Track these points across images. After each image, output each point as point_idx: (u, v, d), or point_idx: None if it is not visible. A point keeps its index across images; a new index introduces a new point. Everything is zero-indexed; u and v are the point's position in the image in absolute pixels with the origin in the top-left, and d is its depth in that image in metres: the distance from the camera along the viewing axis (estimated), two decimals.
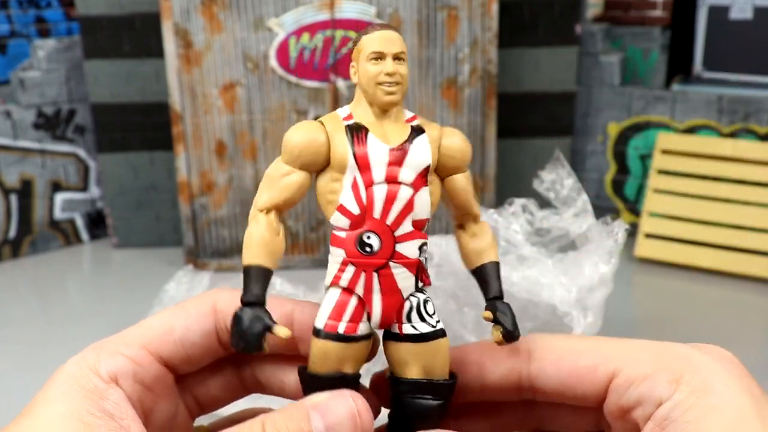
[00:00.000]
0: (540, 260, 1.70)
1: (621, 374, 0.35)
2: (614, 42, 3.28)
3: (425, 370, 0.39)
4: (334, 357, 0.39)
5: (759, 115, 2.89)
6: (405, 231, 0.39)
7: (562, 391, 0.37)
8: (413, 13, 2.72)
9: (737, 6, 3.17)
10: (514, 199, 1.82)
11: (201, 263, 2.94)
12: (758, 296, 2.65)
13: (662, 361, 0.35)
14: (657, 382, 0.34)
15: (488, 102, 2.82)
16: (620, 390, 0.35)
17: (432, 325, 0.39)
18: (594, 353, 0.37)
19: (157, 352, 0.39)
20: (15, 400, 1.88)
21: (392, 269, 0.39)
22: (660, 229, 2.95)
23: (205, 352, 0.41)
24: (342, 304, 0.39)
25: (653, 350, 0.36)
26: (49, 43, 3.09)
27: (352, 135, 0.39)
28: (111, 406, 0.36)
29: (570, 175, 1.82)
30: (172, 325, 0.40)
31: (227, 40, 2.74)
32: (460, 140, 0.41)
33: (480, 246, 0.42)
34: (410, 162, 0.39)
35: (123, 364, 0.38)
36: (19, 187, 3.10)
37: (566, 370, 0.37)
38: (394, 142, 0.39)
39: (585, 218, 1.77)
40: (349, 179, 0.39)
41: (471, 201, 0.42)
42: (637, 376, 0.35)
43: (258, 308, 0.37)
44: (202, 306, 0.41)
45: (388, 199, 0.38)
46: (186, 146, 2.83)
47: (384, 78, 0.39)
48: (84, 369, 0.37)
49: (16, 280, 2.98)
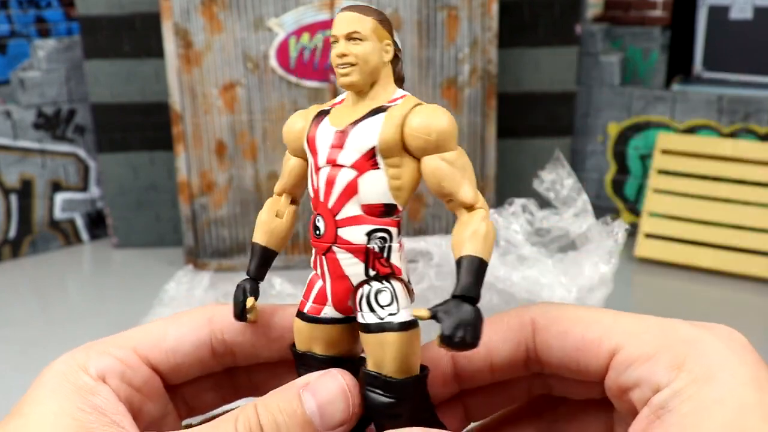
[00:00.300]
0: (540, 260, 1.70)
1: (622, 352, 0.34)
2: (614, 42, 3.28)
3: (375, 363, 0.37)
4: (304, 335, 0.39)
5: (759, 115, 2.89)
6: (348, 215, 0.37)
7: (566, 364, 0.36)
8: (413, 13, 2.72)
9: (737, 6, 3.17)
10: (514, 199, 1.82)
11: (201, 263, 2.94)
12: (758, 296, 2.65)
13: (666, 342, 0.33)
14: (657, 366, 0.32)
15: (488, 102, 2.82)
16: (620, 368, 0.34)
17: (380, 317, 0.37)
18: (598, 326, 0.35)
19: (146, 356, 0.39)
20: (15, 400, 1.88)
21: (336, 254, 0.38)
22: (660, 229, 2.95)
23: (196, 364, 0.41)
24: (310, 285, 0.40)
25: (658, 329, 0.34)
26: (49, 43, 3.09)
27: (315, 119, 0.39)
28: (101, 401, 0.36)
29: (570, 175, 1.82)
30: (166, 333, 0.40)
31: (227, 40, 2.74)
32: (426, 117, 0.37)
33: (458, 238, 0.37)
34: (351, 143, 0.37)
35: (111, 364, 0.38)
36: (19, 187, 3.10)
37: (570, 342, 0.36)
38: (343, 124, 0.38)
39: (585, 218, 1.77)
40: (310, 163, 0.39)
41: (446, 185, 0.37)
42: (637, 356, 0.33)
43: (250, 281, 0.41)
44: (198, 318, 0.41)
45: (328, 183, 0.38)
46: (186, 146, 2.83)
47: (336, 60, 0.38)
48: (73, 367, 0.37)
49: (16, 280, 2.98)
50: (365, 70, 0.38)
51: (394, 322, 0.37)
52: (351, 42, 0.38)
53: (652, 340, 0.33)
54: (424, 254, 1.77)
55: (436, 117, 0.37)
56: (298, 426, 0.35)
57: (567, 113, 3.11)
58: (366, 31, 0.38)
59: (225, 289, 2.63)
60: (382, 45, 0.39)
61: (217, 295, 2.60)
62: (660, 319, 0.35)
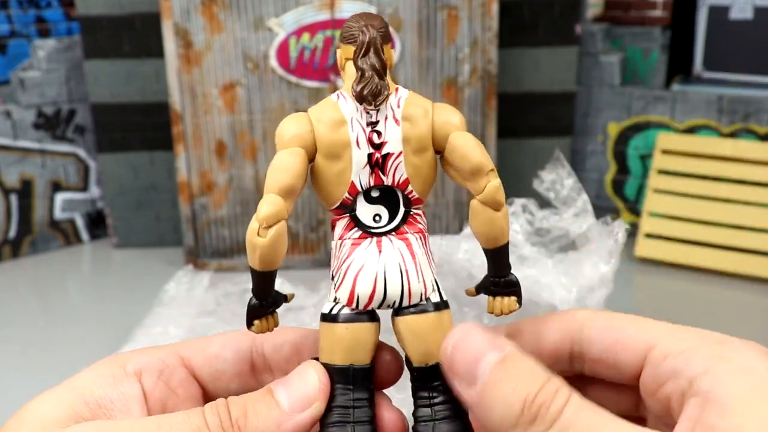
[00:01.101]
0: (540, 260, 1.70)
1: (659, 346, 0.35)
2: (614, 42, 3.28)
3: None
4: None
5: (759, 115, 2.89)
6: None
7: (605, 358, 0.38)
8: (413, 13, 2.72)
9: (737, 6, 3.17)
10: (514, 199, 1.82)
11: (201, 263, 2.94)
12: (758, 296, 2.65)
13: (701, 339, 0.34)
14: (693, 356, 0.33)
15: (488, 102, 2.82)
16: (656, 361, 0.35)
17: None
18: (636, 326, 0.37)
19: (188, 359, 0.40)
20: (15, 400, 1.88)
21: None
22: (660, 229, 2.95)
23: (236, 375, 0.41)
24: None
25: (690, 331, 0.36)
26: (49, 43, 3.09)
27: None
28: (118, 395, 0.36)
29: (570, 175, 1.82)
30: (210, 341, 0.41)
31: (227, 40, 2.74)
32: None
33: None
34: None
35: (150, 360, 0.38)
36: (19, 187, 3.10)
37: (611, 337, 0.37)
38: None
39: (585, 218, 1.77)
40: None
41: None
42: (673, 350, 0.34)
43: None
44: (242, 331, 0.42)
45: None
46: (186, 146, 2.83)
47: None
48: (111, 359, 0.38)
49: (16, 280, 2.98)
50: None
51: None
52: None
53: (689, 337, 0.35)
54: None
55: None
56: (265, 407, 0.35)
57: (567, 113, 3.11)
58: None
59: (225, 289, 2.63)
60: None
61: (216, 295, 2.60)
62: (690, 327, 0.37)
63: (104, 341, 2.26)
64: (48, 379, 0.38)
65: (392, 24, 2.72)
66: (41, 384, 0.38)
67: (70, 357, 2.21)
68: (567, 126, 3.13)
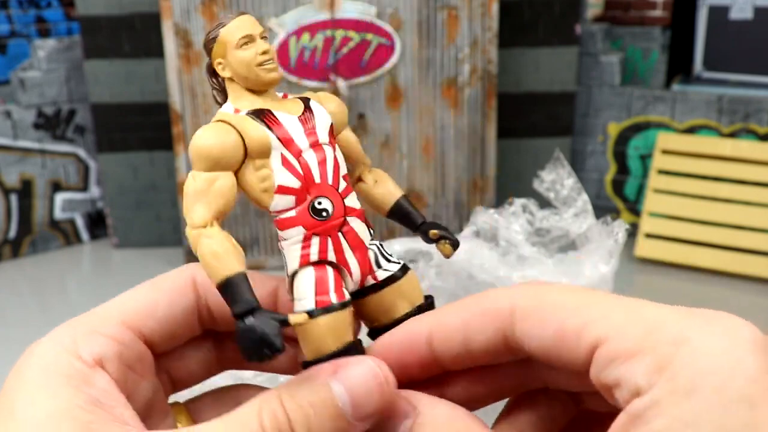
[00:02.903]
0: (540, 260, 1.70)
1: (604, 345, 0.30)
2: (614, 42, 3.28)
3: (410, 302, 0.41)
4: (342, 327, 0.37)
5: (759, 115, 2.89)
6: (343, 186, 0.40)
7: (548, 355, 0.32)
8: (413, 13, 2.72)
9: (737, 6, 3.17)
10: (514, 199, 1.82)
11: None
12: (758, 296, 2.65)
13: (652, 339, 0.29)
14: (639, 366, 0.28)
15: (488, 102, 2.82)
16: (601, 364, 0.30)
17: (397, 262, 0.41)
18: (581, 314, 0.31)
19: (138, 329, 0.36)
20: None
21: (351, 224, 0.39)
22: (660, 229, 2.95)
23: (186, 329, 0.39)
24: (322, 278, 0.38)
25: (644, 323, 0.30)
26: (49, 43, 3.09)
27: (261, 118, 0.39)
28: (98, 393, 0.32)
29: (570, 175, 1.82)
30: (155, 301, 0.38)
31: None
32: (338, 100, 0.43)
33: (386, 189, 0.44)
34: (319, 124, 0.40)
35: (105, 345, 0.34)
36: (19, 187, 3.10)
37: (550, 331, 0.32)
38: (296, 112, 0.40)
39: (585, 218, 1.77)
40: (277, 159, 0.38)
41: (361, 150, 0.44)
42: (620, 353, 0.29)
43: (259, 312, 0.34)
44: (182, 281, 0.39)
45: (320, 162, 0.39)
46: (186, 146, 2.83)
47: (262, 57, 0.39)
48: (61, 353, 0.33)
49: (16, 280, 2.98)
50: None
51: (404, 261, 0.41)
52: (263, 41, 0.40)
53: (638, 335, 0.29)
54: (424, 254, 1.77)
55: (340, 101, 0.44)
56: (329, 418, 0.32)
57: (567, 113, 3.11)
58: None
59: None
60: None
61: None
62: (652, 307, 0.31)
63: None
64: None
65: (392, 24, 2.72)
66: None
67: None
68: (567, 126, 3.13)
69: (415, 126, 2.84)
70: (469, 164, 2.86)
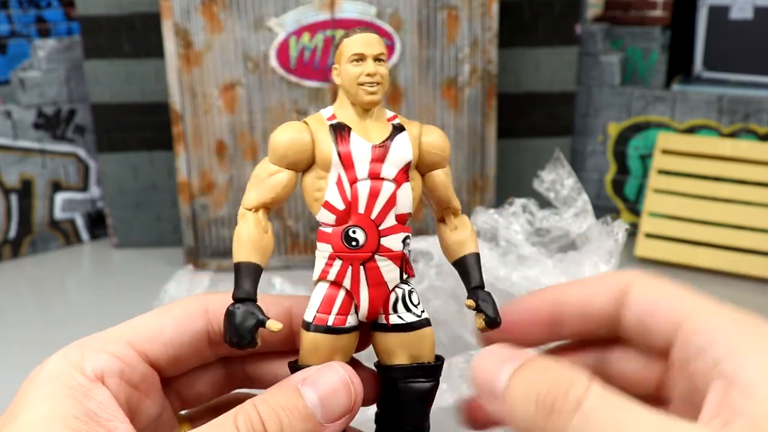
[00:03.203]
0: (540, 260, 1.70)
1: (688, 322, 0.35)
2: (614, 42, 3.28)
3: (412, 357, 0.41)
4: (325, 349, 0.40)
5: (759, 115, 2.89)
6: (389, 225, 0.40)
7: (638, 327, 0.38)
8: (413, 13, 2.72)
9: (737, 6, 3.17)
10: (514, 199, 1.82)
11: (201, 263, 2.94)
12: (758, 296, 2.65)
13: (731, 318, 0.34)
14: (719, 336, 0.33)
15: (488, 102, 2.82)
16: (685, 337, 0.35)
17: (417, 315, 0.41)
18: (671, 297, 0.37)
19: (144, 352, 0.38)
20: None
21: (378, 262, 0.40)
22: (660, 229, 2.95)
23: (194, 355, 0.41)
24: (331, 298, 0.41)
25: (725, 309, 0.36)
26: (49, 43, 3.09)
27: (336, 134, 0.40)
28: (96, 406, 0.34)
29: (570, 175, 1.82)
30: (163, 326, 0.39)
31: (227, 40, 2.74)
32: (440, 137, 0.43)
33: (460, 238, 0.44)
34: (392, 158, 0.40)
35: (109, 362, 0.36)
36: (19, 187, 3.10)
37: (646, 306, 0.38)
38: (376, 140, 0.40)
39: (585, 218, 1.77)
40: (334, 176, 0.40)
41: (450, 195, 0.44)
42: (702, 328, 0.34)
43: (250, 304, 0.38)
44: (193, 308, 0.41)
45: (372, 195, 0.40)
46: (186, 146, 2.83)
47: (365, 78, 0.40)
48: (67, 367, 0.36)
49: (16, 280, 2.98)
50: (385, 89, 0.41)
51: (426, 317, 0.42)
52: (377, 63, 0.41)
53: (719, 316, 0.35)
54: (424, 254, 1.77)
55: (444, 137, 0.43)
56: (300, 419, 0.35)
57: (567, 113, 3.11)
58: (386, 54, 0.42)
59: (225, 290, 2.63)
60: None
61: None
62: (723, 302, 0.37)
63: None
64: None
65: (392, 24, 2.72)
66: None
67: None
68: (567, 126, 3.13)
69: None
70: (469, 164, 2.86)
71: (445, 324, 1.72)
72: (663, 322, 0.37)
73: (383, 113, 0.42)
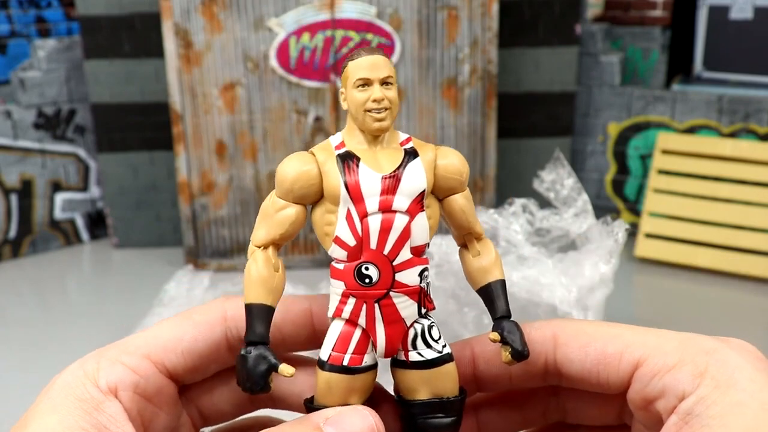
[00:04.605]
0: (540, 260, 1.70)
1: (646, 363, 0.35)
2: (614, 42, 3.28)
3: (434, 393, 0.39)
4: (340, 389, 0.38)
5: (759, 115, 2.89)
6: (403, 259, 0.38)
7: (587, 378, 0.37)
8: (413, 13, 2.72)
9: (737, 6, 3.17)
10: (514, 199, 1.82)
11: (201, 263, 2.94)
12: (758, 296, 2.65)
13: (687, 353, 0.34)
14: (681, 375, 0.33)
15: (488, 102, 2.82)
16: (644, 379, 0.35)
17: (438, 350, 0.39)
18: (619, 340, 0.36)
19: (161, 362, 0.38)
20: (15, 401, 1.88)
21: (393, 299, 0.38)
22: (660, 229, 2.95)
23: (213, 362, 0.40)
24: (346, 336, 0.39)
25: (679, 341, 0.35)
26: (49, 43, 3.09)
27: (344, 165, 0.38)
28: (107, 419, 0.34)
29: (570, 175, 1.82)
30: (180, 335, 0.39)
31: (227, 40, 2.74)
32: (457, 160, 0.41)
33: (483, 265, 0.41)
34: (404, 189, 0.38)
35: (123, 375, 0.36)
36: (19, 187, 3.10)
37: (592, 356, 0.37)
38: (387, 170, 0.38)
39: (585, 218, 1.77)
40: (343, 211, 0.38)
41: (471, 220, 0.41)
42: (661, 367, 0.34)
43: (262, 347, 0.37)
44: (211, 315, 0.40)
45: (384, 229, 0.38)
46: (186, 146, 2.83)
47: (372, 105, 0.38)
48: (81, 378, 0.36)
49: (16, 280, 2.98)
50: (395, 115, 0.39)
51: (448, 352, 0.40)
52: (385, 87, 0.39)
53: (674, 351, 0.35)
54: None
55: (462, 160, 0.41)
56: None
57: (567, 113, 3.11)
58: (394, 77, 0.39)
59: (225, 289, 2.63)
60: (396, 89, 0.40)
61: (216, 295, 2.60)
62: (679, 333, 0.37)
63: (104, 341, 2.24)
64: (48, 379, 0.38)
65: (392, 24, 2.72)
66: (41, 384, 0.38)
67: (70, 357, 2.20)
68: (567, 126, 3.13)
69: (415, 126, 2.84)
70: (469, 164, 2.85)
71: (445, 324, 1.72)
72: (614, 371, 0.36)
73: (395, 137, 0.40)
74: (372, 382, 0.40)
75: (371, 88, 0.39)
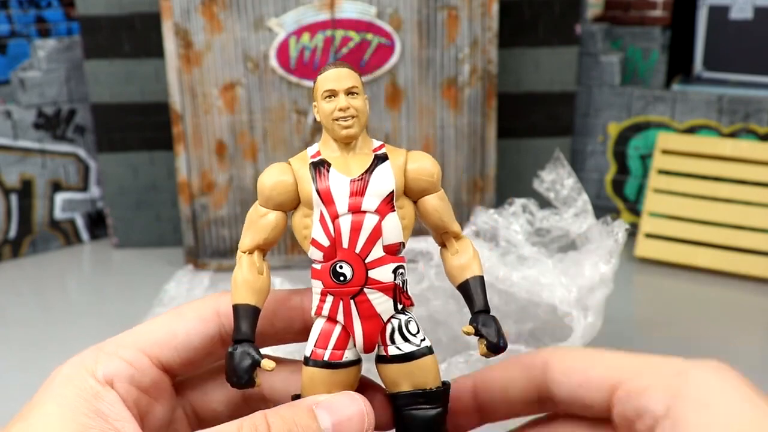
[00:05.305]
0: (540, 260, 1.70)
1: (622, 386, 0.36)
2: (614, 42, 3.28)
3: (416, 385, 0.41)
4: (322, 384, 0.40)
5: (759, 115, 2.89)
6: (376, 257, 0.40)
7: (573, 401, 0.38)
8: (413, 13, 2.72)
9: (737, 6, 3.17)
10: (514, 199, 1.82)
11: (201, 263, 2.94)
12: (758, 296, 2.65)
13: (660, 375, 0.35)
14: (654, 395, 0.34)
15: (488, 102, 2.82)
16: (622, 401, 0.36)
17: (416, 344, 0.41)
18: (600, 365, 0.38)
19: (156, 356, 0.40)
20: (15, 400, 1.88)
21: (368, 295, 0.40)
22: (660, 229, 2.95)
23: (207, 356, 0.42)
24: (327, 333, 0.41)
25: (652, 364, 0.36)
26: (49, 43, 3.09)
27: (316, 171, 0.41)
28: (106, 407, 0.36)
29: (570, 175, 1.82)
30: (174, 330, 0.40)
31: (227, 40, 2.74)
32: (428, 162, 0.43)
33: (462, 262, 0.43)
34: (372, 190, 0.41)
35: (120, 367, 0.38)
36: (19, 187, 3.10)
37: (576, 380, 0.38)
38: (356, 173, 0.41)
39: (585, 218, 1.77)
40: (317, 214, 0.41)
41: (446, 220, 0.43)
42: (635, 389, 0.35)
43: (247, 344, 0.39)
44: (205, 310, 0.42)
45: (354, 229, 0.40)
46: (186, 146, 2.83)
47: (338, 114, 0.41)
48: (80, 371, 0.37)
49: (16, 280, 2.98)
50: (363, 122, 0.42)
51: (427, 345, 0.42)
52: (350, 96, 0.41)
53: (648, 373, 0.36)
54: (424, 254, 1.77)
55: (432, 163, 0.43)
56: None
57: (567, 113, 3.11)
58: (360, 86, 0.42)
59: (225, 289, 2.63)
60: (365, 98, 0.42)
61: None
62: (654, 356, 0.38)
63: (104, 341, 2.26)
64: None
65: (392, 24, 2.73)
66: (41, 384, 0.38)
67: (70, 357, 2.21)
68: (567, 126, 3.13)
69: (415, 126, 2.84)
70: (469, 164, 2.86)
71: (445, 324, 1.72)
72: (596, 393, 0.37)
73: (368, 144, 0.42)
74: (355, 377, 0.41)
75: (337, 98, 0.41)
